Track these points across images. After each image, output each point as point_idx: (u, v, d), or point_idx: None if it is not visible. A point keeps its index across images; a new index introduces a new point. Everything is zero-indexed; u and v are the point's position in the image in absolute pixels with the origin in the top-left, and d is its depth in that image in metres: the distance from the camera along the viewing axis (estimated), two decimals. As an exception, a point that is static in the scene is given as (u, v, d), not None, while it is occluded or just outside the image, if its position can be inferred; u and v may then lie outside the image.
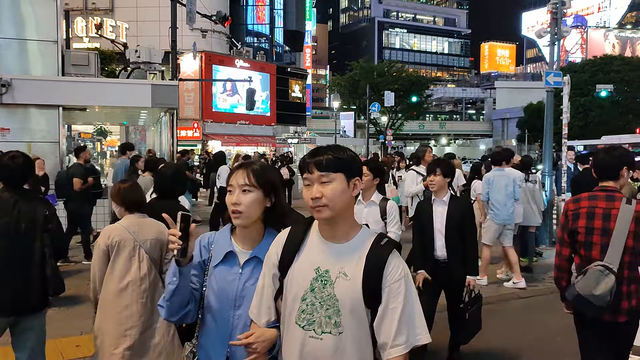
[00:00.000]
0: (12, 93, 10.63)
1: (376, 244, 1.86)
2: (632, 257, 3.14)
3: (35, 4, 11.41)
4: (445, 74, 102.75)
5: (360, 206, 4.59)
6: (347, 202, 1.85)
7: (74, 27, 30.50)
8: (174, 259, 2.01)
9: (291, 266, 1.90)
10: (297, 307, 1.86)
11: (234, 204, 2.10)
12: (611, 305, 3.07)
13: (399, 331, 1.78)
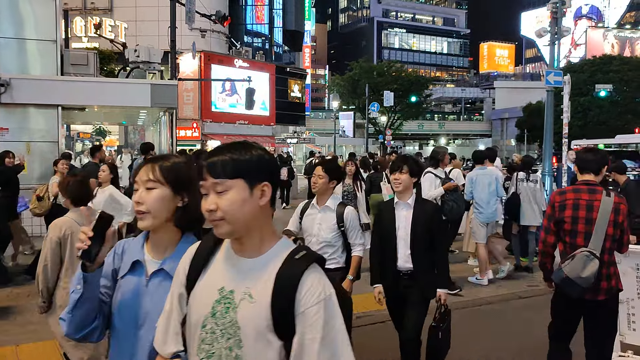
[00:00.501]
0: (10, 92, 10.61)
1: (290, 259, 1.49)
2: (611, 243, 3.63)
3: (34, 4, 11.40)
4: (444, 74, 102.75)
5: (314, 211, 4.17)
6: (252, 213, 1.49)
7: (73, 26, 30.44)
8: (80, 263, 1.73)
9: (195, 285, 1.57)
10: (197, 335, 1.51)
11: (136, 203, 1.82)
12: (592, 285, 3.51)
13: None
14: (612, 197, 3.62)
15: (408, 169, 3.96)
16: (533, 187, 8.10)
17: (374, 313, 6.14)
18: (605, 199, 3.61)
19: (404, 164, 3.98)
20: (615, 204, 3.60)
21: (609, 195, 3.63)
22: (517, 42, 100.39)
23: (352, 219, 4.13)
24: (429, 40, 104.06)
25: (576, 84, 28.46)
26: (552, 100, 12.39)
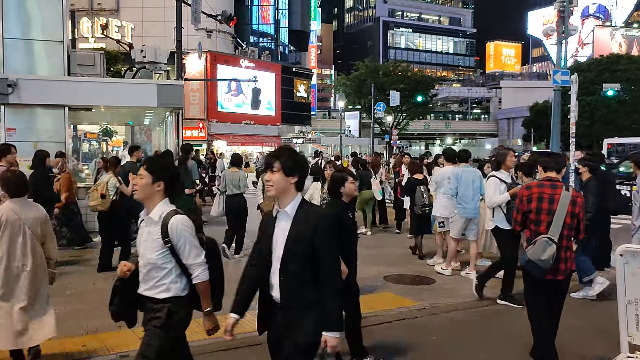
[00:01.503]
0: (18, 93, 10.65)
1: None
2: (569, 230, 4.23)
3: (41, 5, 11.44)
4: (450, 74, 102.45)
5: (142, 224, 3.24)
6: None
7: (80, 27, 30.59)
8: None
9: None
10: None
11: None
12: (551, 267, 4.10)
13: None
14: (570, 192, 4.25)
15: (281, 166, 2.86)
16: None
17: (382, 313, 6.12)
18: (565, 193, 4.23)
19: (276, 159, 2.88)
20: (572, 197, 4.22)
21: (567, 190, 4.26)
22: (524, 42, 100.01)
23: (180, 231, 3.09)
24: (435, 39, 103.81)
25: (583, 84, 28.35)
26: (559, 99, 12.32)
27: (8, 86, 10.54)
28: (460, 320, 6.08)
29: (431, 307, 6.42)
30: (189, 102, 32.71)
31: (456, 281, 7.61)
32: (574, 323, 3.56)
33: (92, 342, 5.08)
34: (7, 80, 10.56)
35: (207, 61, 33.19)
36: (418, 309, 6.35)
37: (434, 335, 5.57)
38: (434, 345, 5.31)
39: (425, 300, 6.65)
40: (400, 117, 45.60)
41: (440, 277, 7.85)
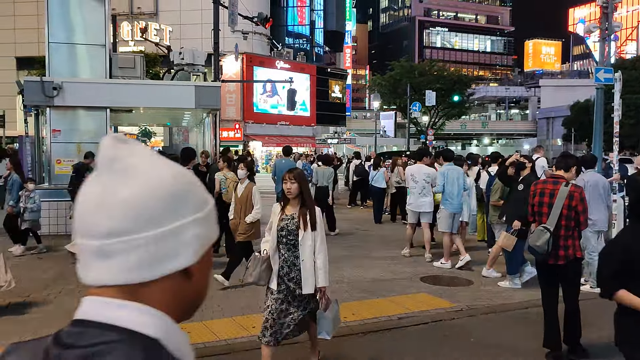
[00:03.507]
0: (62, 95, 10.99)
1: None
2: (567, 221, 4.77)
3: (85, 10, 11.76)
4: (487, 73, 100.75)
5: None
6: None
7: (120, 31, 31.33)
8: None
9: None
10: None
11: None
12: (552, 253, 4.72)
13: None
14: (568, 187, 4.79)
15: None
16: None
17: (418, 314, 6.07)
18: (563, 188, 4.78)
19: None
20: (570, 192, 4.76)
21: (566, 186, 4.79)
22: (564, 39, 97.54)
23: None
24: (472, 38, 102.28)
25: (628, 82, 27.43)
26: (602, 98, 11.96)
27: (53, 89, 10.89)
28: (499, 322, 5.99)
29: (469, 309, 6.33)
30: (225, 104, 33.07)
31: (494, 283, 7.49)
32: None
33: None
34: (52, 83, 10.92)
35: (243, 63, 33.52)
36: (455, 310, 6.28)
37: (472, 337, 5.50)
38: (472, 347, 5.24)
39: (463, 302, 6.56)
40: (436, 117, 45.10)
41: (477, 279, 7.73)
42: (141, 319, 0.73)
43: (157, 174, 0.75)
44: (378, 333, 5.52)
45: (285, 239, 4.16)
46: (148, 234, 0.73)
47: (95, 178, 0.76)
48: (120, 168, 0.74)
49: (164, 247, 0.75)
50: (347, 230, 12.04)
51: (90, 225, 0.74)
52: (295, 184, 4.14)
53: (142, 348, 0.70)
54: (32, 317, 5.78)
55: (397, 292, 7.00)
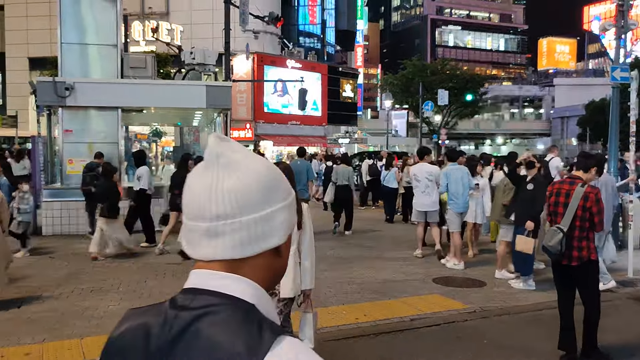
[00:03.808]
0: (74, 95, 11.04)
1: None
2: (581, 222, 4.68)
3: (96, 10, 11.80)
4: (501, 72, 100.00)
5: None
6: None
7: (132, 31, 31.48)
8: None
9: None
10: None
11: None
12: (565, 253, 4.67)
13: None
14: (584, 188, 4.71)
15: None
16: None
17: (430, 315, 6.00)
18: (578, 189, 4.72)
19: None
20: (585, 193, 4.68)
21: (582, 186, 4.73)
22: (579, 37, 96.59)
23: None
24: (485, 37, 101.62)
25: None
26: (618, 97, 11.79)
27: (66, 89, 10.95)
28: (513, 324, 5.89)
29: (482, 311, 6.24)
30: (236, 103, 33.10)
31: (507, 284, 7.38)
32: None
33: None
34: (64, 83, 10.97)
35: (254, 62, 33.51)
36: (468, 311, 6.19)
37: (485, 338, 5.41)
38: (485, 349, 5.16)
39: (476, 304, 6.47)
40: (448, 117, 44.84)
41: (490, 280, 7.63)
42: (241, 288, 0.89)
43: (254, 168, 0.91)
44: (390, 334, 5.45)
45: None
46: (249, 218, 0.89)
47: (203, 170, 0.91)
48: (225, 162, 0.90)
49: (261, 229, 0.90)
50: (359, 231, 11.96)
51: (200, 209, 0.89)
52: None
53: (243, 310, 0.86)
54: (45, 316, 5.78)
55: (409, 293, 6.92)
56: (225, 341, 0.83)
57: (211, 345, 0.83)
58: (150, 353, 0.87)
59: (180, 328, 0.86)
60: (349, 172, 11.84)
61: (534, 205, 6.90)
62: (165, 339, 0.87)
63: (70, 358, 4.71)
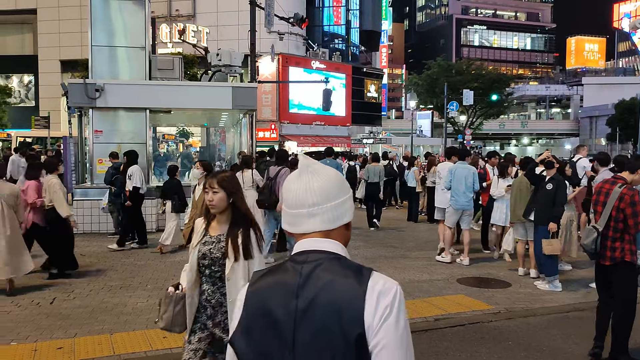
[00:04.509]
0: (104, 97, 11.29)
1: None
2: (615, 222, 4.69)
3: (125, 13, 12.04)
4: (527, 71, 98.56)
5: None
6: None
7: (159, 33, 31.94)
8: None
9: None
10: None
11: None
12: (600, 253, 4.75)
13: None
14: (621, 189, 4.67)
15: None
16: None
17: (455, 316, 6.00)
18: (616, 189, 4.70)
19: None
20: (621, 193, 4.66)
21: (620, 187, 4.69)
22: (609, 36, 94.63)
23: None
24: (511, 36, 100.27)
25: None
26: (648, 95, 11.57)
27: (96, 91, 11.21)
28: (538, 325, 5.85)
29: (507, 311, 6.21)
30: (261, 104, 33.33)
31: (533, 286, 7.32)
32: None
33: (173, 335, 5.26)
34: (95, 85, 11.23)
35: (279, 63, 33.70)
36: (493, 312, 6.17)
37: (510, 340, 5.39)
38: (510, 350, 5.14)
39: (501, 304, 6.44)
40: (474, 117, 44.41)
41: (515, 281, 7.58)
42: (334, 247, 1.38)
43: (328, 173, 1.44)
44: (414, 334, 5.42)
45: (208, 269, 3.00)
46: (331, 204, 1.41)
47: (298, 176, 1.43)
48: (312, 170, 1.43)
49: (338, 211, 1.41)
50: (383, 230, 12.00)
51: (300, 201, 1.40)
52: (219, 193, 2.98)
53: (340, 259, 1.35)
54: (76, 312, 5.95)
55: (433, 293, 6.92)
56: (340, 276, 1.30)
57: (331, 279, 1.29)
58: (289, 289, 1.30)
59: (308, 272, 1.31)
60: (379, 170, 12.49)
61: (554, 205, 6.84)
62: (297, 280, 1.31)
63: (100, 353, 4.84)
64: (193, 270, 3.02)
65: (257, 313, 1.32)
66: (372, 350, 1.24)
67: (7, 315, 5.85)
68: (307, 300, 1.27)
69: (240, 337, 1.34)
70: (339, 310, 1.25)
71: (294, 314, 1.28)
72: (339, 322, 1.24)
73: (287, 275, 1.33)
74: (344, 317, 1.24)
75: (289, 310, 1.28)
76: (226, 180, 3.01)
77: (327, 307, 1.26)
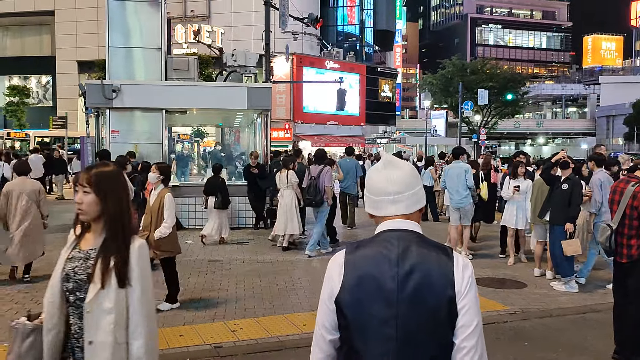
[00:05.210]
0: (121, 97, 11.42)
1: None
2: (629, 220, 4.74)
3: (141, 15, 12.16)
4: (543, 70, 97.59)
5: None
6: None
7: (175, 33, 32.19)
8: None
9: None
10: None
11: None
12: (615, 250, 4.83)
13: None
14: (634, 187, 4.75)
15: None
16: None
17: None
18: (630, 188, 4.78)
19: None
20: (635, 192, 4.72)
21: (633, 185, 4.77)
22: (626, 34, 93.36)
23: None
24: (527, 35, 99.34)
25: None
26: (667, 95, 11.42)
27: (113, 91, 11.33)
28: (554, 326, 5.83)
29: (522, 312, 6.19)
30: (275, 104, 33.39)
31: (549, 286, 7.28)
32: None
33: (189, 333, 5.35)
34: (112, 85, 11.36)
35: (293, 63, 33.78)
36: (508, 313, 6.15)
37: (525, 341, 5.38)
38: (525, 350, 5.13)
39: (516, 305, 6.42)
40: (488, 116, 44.11)
41: (531, 281, 7.55)
42: (416, 227, 1.68)
43: (405, 166, 1.71)
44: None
45: (72, 295, 2.16)
46: (410, 192, 1.68)
47: (382, 169, 1.70)
48: (392, 165, 1.70)
49: (416, 198, 1.69)
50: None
51: (384, 189, 1.67)
52: (89, 194, 2.16)
53: (423, 237, 1.65)
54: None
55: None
56: (431, 251, 1.60)
57: (425, 252, 1.60)
58: (391, 259, 1.58)
59: (403, 247, 1.59)
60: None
61: (570, 205, 6.81)
62: (397, 252, 1.59)
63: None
64: (55, 295, 2.16)
65: (362, 277, 1.57)
66: (460, 310, 1.55)
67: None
68: (407, 268, 1.55)
69: (346, 296, 1.57)
70: (434, 277, 1.55)
71: (397, 279, 1.55)
72: (434, 287, 1.54)
73: (386, 248, 1.60)
74: (439, 283, 1.55)
75: (392, 275, 1.55)
76: (100, 177, 2.19)
77: (424, 275, 1.55)
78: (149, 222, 5.94)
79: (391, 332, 1.53)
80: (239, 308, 6.14)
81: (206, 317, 5.83)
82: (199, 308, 6.14)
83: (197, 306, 6.21)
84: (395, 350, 1.54)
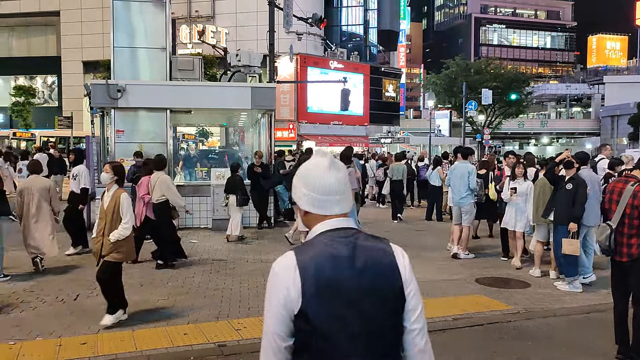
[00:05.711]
0: (126, 97, 11.47)
1: None
2: (630, 219, 4.75)
3: (146, 15, 12.21)
4: (547, 70, 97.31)
5: None
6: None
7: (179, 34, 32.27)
8: None
9: None
10: None
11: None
12: (615, 249, 4.83)
13: None
14: (634, 187, 4.76)
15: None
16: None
17: (474, 315, 6.00)
18: (629, 187, 4.79)
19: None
20: (634, 191, 4.73)
21: (633, 185, 4.78)
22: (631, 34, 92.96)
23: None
24: (531, 35, 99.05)
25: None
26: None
27: (118, 91, 11.38)
28: (558, 326, 5.83)
29: (526, 312, 6.20)
30: (279, 104, 33.42)
31: (553, 286, 7.28)
32: None
33: (194, 331, 5.37)
34: (117, 85, 11.41)
35: (297, 63, 33.79)
36: (512, 312, 6.16)
37: (529, 340, 5.38)
38: (529, 350, 5.13)
39: (520, 304, 6.42)
40: (492, 116, 44.04)
41: (535, 281, 7.55)
42: (354, 224, 1.73)
43: (343, 165, 1.76)
44: (433, 333, 5.44)
45: None
46: (348, 192, 1.72)
47: (328, 170, 1.70)
48: (336, 165, 1.72)
49: (350, 197, 1.74)
50: (403, 229, 11.99)
51: (335, 189, 1.69)
52: None
53: (363, 232, 1.71)
54: (99, 309, 6.07)
55: (452, 292, 6.93)
56: (375, 244, 1.67)
57: (371, 246, 1.66)
58: (347, 256, 1.61)
59: (352, 245, 1.63)
60: (402, 169, 13.76)
61: (574, 205, 6.80)
62: (350, 250, 1.62)
63: (122, 348, 4.94)
64: None
65: (323, 282, 1.58)
66: (407, 295, 1.66)
67: (33, 310, 6.00)
68: (361, 265, 1.61)
69: (312, 304, 1.57)
70: (385, 269, 1.64)
71: (355, 277, 1.59)
72: (387, 278, 1.64)
73: (337, 248, 1.62)
74: (389, 274, 1.64)
75: (351, 275, 1.59)
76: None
77: (376, 269, 1.63)
78: (102, 227, 5.50)
79: (356, 329, 1.58)
80: (243, 307, 6.17)
81: (210, 316, 5.86)
82: (203, 307, 6.17)
83: (201, 305, 6.24)
84: (362, 345, 1.59)
